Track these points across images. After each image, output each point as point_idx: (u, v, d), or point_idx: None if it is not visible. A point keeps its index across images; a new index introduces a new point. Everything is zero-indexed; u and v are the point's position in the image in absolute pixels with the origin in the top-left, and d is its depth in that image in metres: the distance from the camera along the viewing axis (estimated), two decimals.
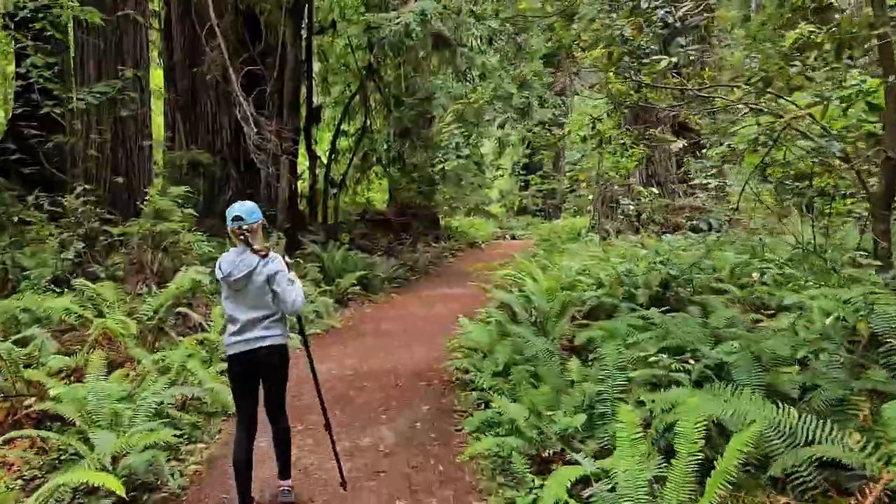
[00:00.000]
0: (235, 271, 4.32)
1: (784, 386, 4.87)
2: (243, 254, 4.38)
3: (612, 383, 5.22)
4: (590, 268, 10.88)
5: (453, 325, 11.31)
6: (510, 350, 7.64)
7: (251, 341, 4.37)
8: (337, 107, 23.00)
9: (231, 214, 4.43)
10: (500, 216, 32.26)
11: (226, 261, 4.44)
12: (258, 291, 4.36)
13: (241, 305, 4.41)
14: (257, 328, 4.39)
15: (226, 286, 4.46)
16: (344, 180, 21.73)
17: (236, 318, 4.42)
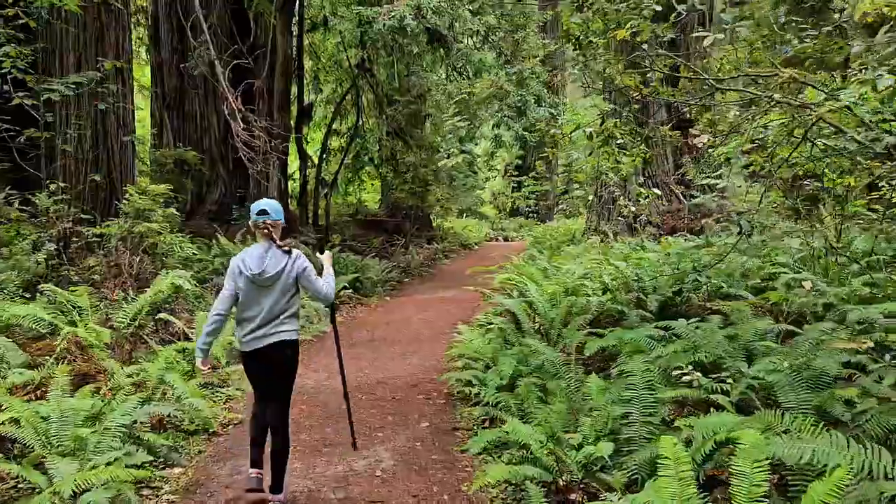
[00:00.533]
0: (269, 268, 4.31)
1: (835, 409, 4.26)
2: (269, 250, 4.38)
3: (640, 405, 4.58)
4: (593, 271, 10.26)
5: (450, 331, 10.67)
6: (515, 361, 7.01)
7: (268, 336, 4.37)
8: (328, 105, 22.33)
9: (256, 208, 4.45)
10: (493, 217, 31.62)
11: (252, 257, 4.37)
12: (285, 289, 4.40)
13: (263, 302, 4.36)
14: (275, 323, 4.39)
15: (248, 283, 4.36)
16: (335, 180, 21.05)
17: (255, 315, 4.37)
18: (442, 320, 11.64)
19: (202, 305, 9.62)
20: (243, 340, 4.45)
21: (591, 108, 15.45)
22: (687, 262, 9.28)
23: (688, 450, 3.52)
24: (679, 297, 8.55)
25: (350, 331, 10.96)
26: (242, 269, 4.35)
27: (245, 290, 4.38)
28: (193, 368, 7.36)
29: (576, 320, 8.27)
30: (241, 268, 4.36)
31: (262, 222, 4.41)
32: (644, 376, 4.70)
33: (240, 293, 4.40)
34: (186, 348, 7.29)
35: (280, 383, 4.57)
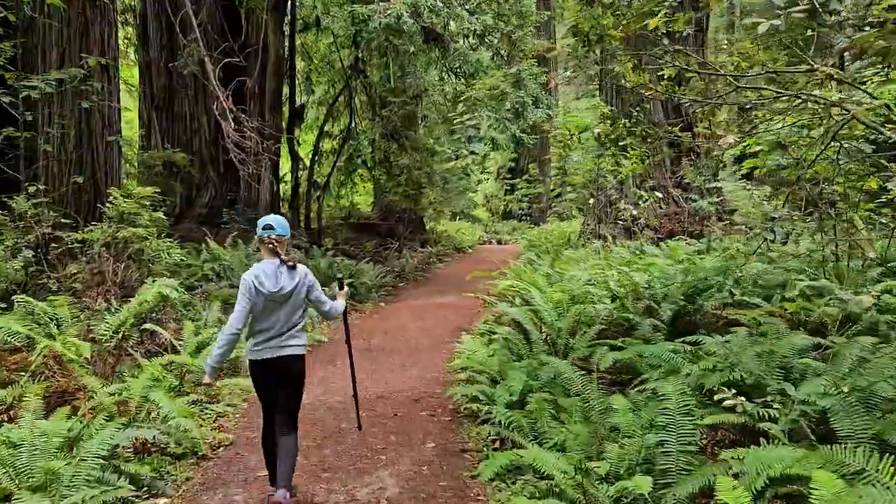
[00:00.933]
0: (286, 285, 4.41)
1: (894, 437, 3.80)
2: (280, 267, 4.46)
3: (676, 432, 4.10)
4: (598, 278, 9.80)
5: (450, 340, 10.19)
6: (524, 375, 6.53)
7: (279, 348, 4.47)
8: (321, 107, 21.82)
9: (263, 223, 4.53)
10: (486, 220, 31.17)
11: (265, 275, 4.41)
12: (297, 303, 4.52)
13: (277, 315, 4.46)
14: (288, 335, 4.50)
15: (262, 298, 4.39)
16: (328, 183, 20.54)
17: (269, 328, 4.46)
18: (441, 328, 11.15)
19: (191, 314, 9.09)
20: (256, 349, 4.49)
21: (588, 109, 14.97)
22: (699, 267, 8.83)
23: (747, 493, 3.05)
24: (692, 306, 8.10)
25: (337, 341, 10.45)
26: (259, 288, 4.36)
27: (260, 306, 4.43)
28: (181, 383, 6.85)
29: (585, 330, 7.82)
30: (256, 285, 4.37)
31: (268, 237, 4.47)
32: (681, 400, 4.21)
33: (255, 308, 4.43)
34: (174, 361, 6.77)
35: (291, 393, 4.64)
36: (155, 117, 18.05)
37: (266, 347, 4.45)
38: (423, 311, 12.86)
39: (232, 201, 18.20)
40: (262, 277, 4.38)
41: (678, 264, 9.55)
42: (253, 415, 6.75)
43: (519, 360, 7.58)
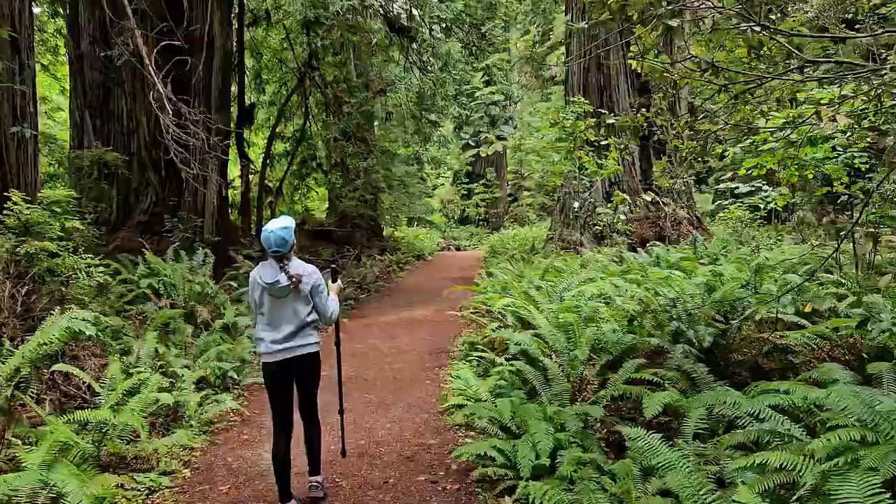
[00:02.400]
0: (282, 280, 4.30)
1: None
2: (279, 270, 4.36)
3: None
4: (602, 292, 8.30)
5: (432, 366, 8.55)
6: (548, 425, 4.95)
7: (294, 349, 4.38)
8: (272, 107, 19.91)
9: (268, 248, 4.34)
10: (443, 226, 29.58)
11: (264, 271, 4.38)
12: (302, 300, 4.40)
13: (284, 313, 4.38)
14: (298, 336, 4.40)
15: (267, 295, 4.37)
16: (280, 187, 18.64)
17: (278, 326, 4.38)
18: (417, 350, 9.48)
19: (122, 344, 7.24)
20: (269, 351, 4.39)
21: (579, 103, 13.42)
22: (725, 281, 7.39)
23: None
24: (727, 326, 6.65)
25: None
26: (258, 281, 4.38)
27: (265, 301, 4.40)
28: (99, 448, 5.04)
29: (604, 359, 6.29)
30: (257, 279, 4.39)
31: (278, 260, 4.36)
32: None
33: (260, 304, 4.43)
34: (92, 418, 4.94)
35: (307, 392, 4.61)
36: (88, 115, 15.90)
37: (281, 349, 4.36)
38: (394, 329, 11.17)
39: (175, 207, 16.16)
40: (261, 271, 4.39)
41: (690, 276, 8.09)
42: (200, 482, 4.99)
43: (530, 396, 6.02)
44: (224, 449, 5.71)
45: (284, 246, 4.31)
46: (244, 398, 7.21)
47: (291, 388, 4.51)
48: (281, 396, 4.49)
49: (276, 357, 4.37)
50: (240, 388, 7.46)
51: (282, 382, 4.46)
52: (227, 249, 15.25)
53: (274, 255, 4.32)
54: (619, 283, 9.35)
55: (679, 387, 5.64)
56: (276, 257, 4.32)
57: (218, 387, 7.23)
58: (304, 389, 4.57)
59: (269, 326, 4.40)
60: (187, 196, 16.14)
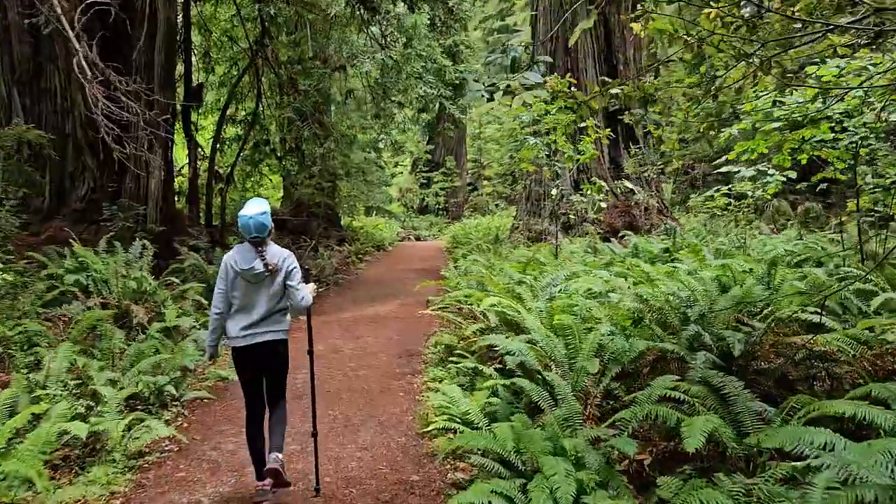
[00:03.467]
0: (257, 266, 4.18)
1: None
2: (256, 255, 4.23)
3: None
4: (593, 287, 7.26)
5: (403, 372, 7.40)
6: (566, 463, 3.87)
7: (264, 334, 4.25)
8: (222, 88, 18.35)
9: (248, 234, 4.23)
10: (402, 215, 28.32)
11: (240, 256, 4.24)
12: (277, 287, 4.27)
13: (257, 298, 4.24)
14: (269, 321, 4.27)
15: (240, 279, 4.23)
16: (231, 174, 17.15)
17: (250, 311, 4.24)
18: (385, 352, 8.32)
19: (37, 355, 5.92)
20: (239, 335, 4.22)
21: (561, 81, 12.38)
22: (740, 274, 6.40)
23: None
24: (751, 329, 5.66)
25: None
26: (233, 266, 4.23)
27: (237, 286, 4.24)
28: None
29: (615, 370, 5.25)
30: (231, 264, 4.24)
31: (257, 247, 4.22)
32: None
33: (232, 290, 4.25)
34: None
35: (276, 377, 4.46)
36: (16, 93, 14.23)
37: (249, 333, 4.22)
38: (357, 327, 9.98)
39: (115, 193, 14.61)
40: (236, 256, 4.25)
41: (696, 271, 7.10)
42: None
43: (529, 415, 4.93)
44: (153, 492, 4.46)
45: (263, 231, 4.23)
46: (184, 418, 5.95)
47: (262, 373, 4.41)
48: (252, 382, 4.41)
49: (247, 342, 4.23)
50: (180, 405, 6.19)
51: (253, 368, 4.36)
52: (172, 239, 13.81)
53: (253, 241, 4.22)
54: (606, 277, 8.35)
55: (707, 404, 4.63)
56: (254, 243, 4.22)
57: (152, 405, 5.96)
58: (272, 376, 4.44)
59: (240, 312, 4.26)
60: (129, 182, 14.60)
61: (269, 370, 4.42)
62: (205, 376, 7.28)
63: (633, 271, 9.33)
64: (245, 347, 4.25)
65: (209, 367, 7.41)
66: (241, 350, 4.27)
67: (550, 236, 15.70)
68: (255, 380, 4.41)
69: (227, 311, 4.30)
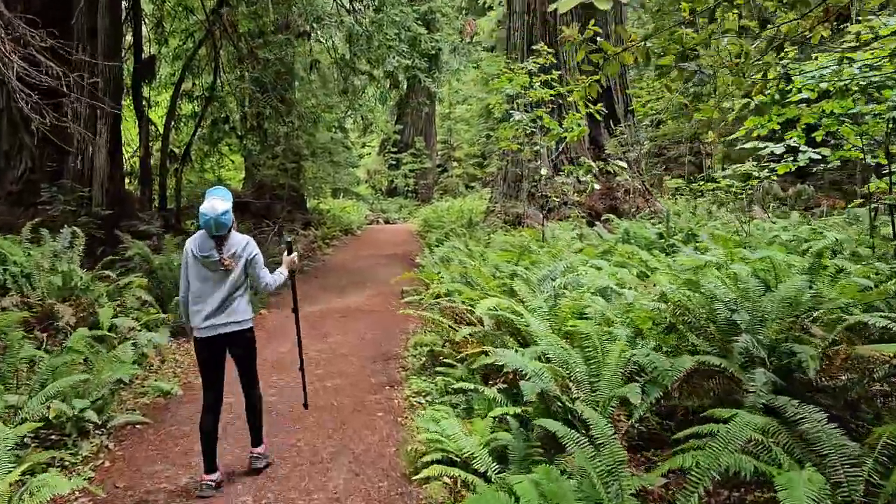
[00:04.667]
0: (215, 253, 4.01)
1: None
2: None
3: None
4: (610, 286, 6.09)
5: (379, 382, 6.16)
6: None
7: (227, 324, 4.07)
8: (177, 62, 16.69)
9: (209, 230, 4.02)
10: (370, 198, 26.89)
11: (199, 243, 4.07)
12: (238, 273, 4.10)
13: (217, 286, 4.07)
14: (230, 310, 4.09)
15: (200, 266, 4.08)
16: (187, 153, 15.60)
17: (211, 299, 4.06)
18: (357, 357, 7.07)
19: None
20: (201, 326, 4.06)
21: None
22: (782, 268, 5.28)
23: None
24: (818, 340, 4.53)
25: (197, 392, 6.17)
26: (193, 251, 4.08)
27: (197, 273, 4.10)
28: None
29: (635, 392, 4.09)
30: (191, 249, 4.09)
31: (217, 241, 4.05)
32: None
33: (192, 276, 4.11)
34: None
35: (245, 366, 4.26)
36: None
37: (211, 324, 4.03)
38: (324, 323, 8.71)
39: (56, 174, 13.02)
40: (196, 242, 4.08)
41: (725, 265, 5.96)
42: None
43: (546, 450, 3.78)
44: None
45: (224, 229, 4.04)
46: (107, 454, 4.64)
47: (223, 363, 4.21)
48: (211, 372, 4.19)
49: (208, 332, 4.06)
50: (104, 434, 4.88)
51: (213, 358, 4.16)
52: (119, 225, 12.33)
53: (213, 237, 4.04)
54: (609, 269, 7.22)
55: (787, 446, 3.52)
56: (214, 238, 4.04)
57: (68, 436, 4.65)
58: (240, 364, 4.25)
59: (200, 299, 4.09)
60: (72, 161, 13.02)
61: (236, 359, 4.23)
62: (143, 389, 5.96)
63: (633, 260, 8.23)
64: (208, 339, 4.07)
65: (153, 377, 6.13)
66: (205, 340, 4.08)
67: (530, 220, 14.54)
68: (216, 371, 4.18)
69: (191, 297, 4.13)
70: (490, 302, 5.12)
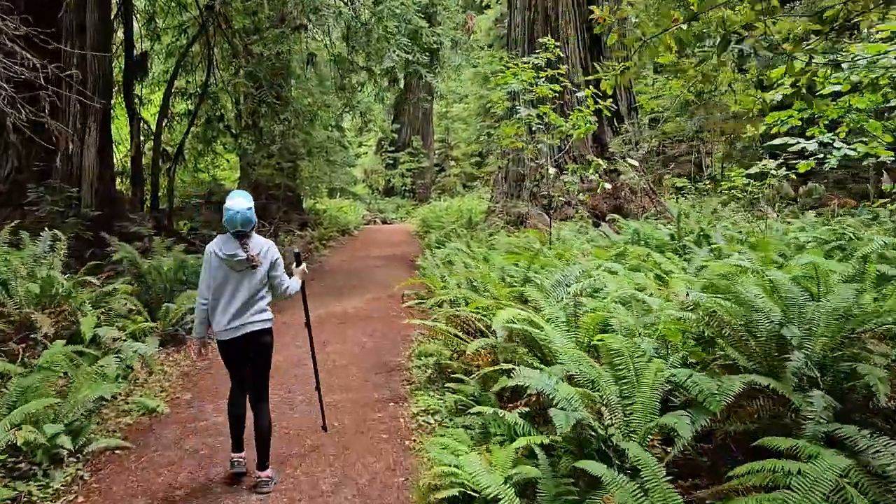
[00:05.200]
0: (241, 253, 3.95)
1: None
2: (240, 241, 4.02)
3: None
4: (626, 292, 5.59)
5: (382, 399, 5.66)
6: None
7: (249, 324, 4.02)
8: (170, 59, 16.13)
9: (234, 226, 3.97)
10: (367, 197, 26.34)
11: (224, 244, 4.02)
12: (260, 276, 4.06)
13: (241, 287, 4.01)
14: (253, 310, 4.04)
15: (225, 267, 4.00)
16: (180, 152, 15.04)
17: (234, 300, 4.01)
18: (357, 368, 6.57)
19: None
20: (224, 328, 4.01)
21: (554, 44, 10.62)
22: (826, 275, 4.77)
23: None
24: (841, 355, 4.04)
25: (202, 402, 5.65)
26: (216, 253, 4.01)
27: (221, 276, 4.03)
28: None
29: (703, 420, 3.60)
30: (215, 251, 4.02)
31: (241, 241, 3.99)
32: None
33: (214, 279, 4.04)
34: None
35: (259, 368, 4.17)
36: None
37: (232, 326, 3.98)
38: (322, 330, 8.20)
39: (43, 174, 12.48)
40: (220, 244, 4.03)
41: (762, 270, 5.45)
42: None
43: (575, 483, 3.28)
44: None
45: (248, 226, 4.01)
46: (82, 486, 4.12)
47: (246, 360, 4.14)
48: (236, 367, 4.20)
49: (232, 334, 4.00)
50: (80, 462, 4.36)
51: (238, 357, 4.13)
52: (110, 226, 11.80)
53: (237, 234, 3.99)
54: (624, 273, 6.74)
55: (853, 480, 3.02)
56: (238, 236, 3.99)
57: (38, 464, 4.13)
58: (255, 366, 4.16)
59: (223, 301, 4.01)
60: (60, 161, 12.47)
61: (253, 361, 4.16)
62: (127, 407, 5.44)
63: (648, 263, 7.74)
64: (231, 340, 4.04)
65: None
66: (227, 343, 4.07)
67: (532, 220, 14.05)
68: (240, 367, 4.20)
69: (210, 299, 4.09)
70: (507, 314, 4.60)
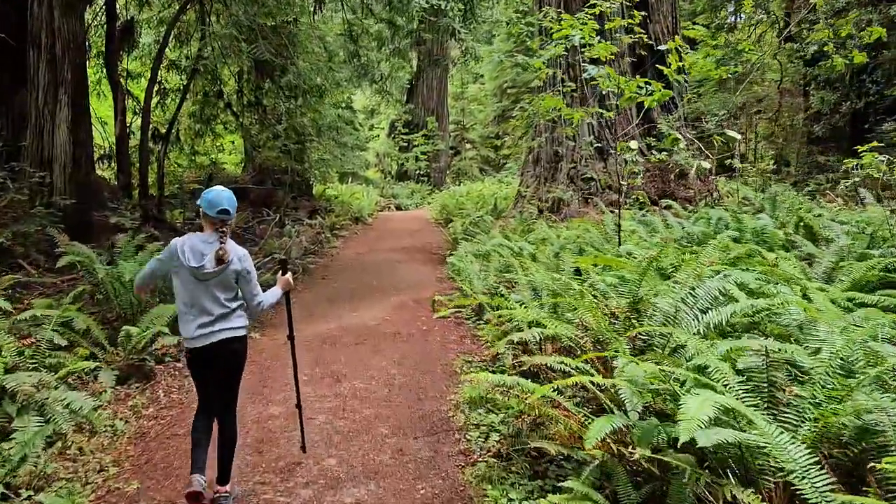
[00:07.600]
0: (208, 265, 3.36)
1: None
2: (212, 244, 3.40)
3: None
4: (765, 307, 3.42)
5: (425, 487, 3.52)
6: None
7: (222, 332, 3.45)
8: (161, 27, 13.91)
9: (217, 206, 3.38)
10: (380, 182, 24.10)
11: (190, 248, 3.39)
12: (228, 284, 3.46)
13: (209, 295, 3.43)
14: (226, 319, 3.47)
15: (189, 274, 3.40)
16: (170, 131, 12.86)
17: (198, 309, 3.43)
18: (389, 425, 4.43)
19: None
20: (192, 336, 3.45)
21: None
22: None
23: None
24: None
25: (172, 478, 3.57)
26: (181, 257, 3.39)
27: (187, 282, 3.43)
28: None
29: None
30: (180, 253, 3.39)
31: (221, 222, 3.41)
32: None
33: (181, 284, 3.44)
34: None
35: (229, 378, 3.63)
36: None
37: (202, 334, 3.43)
38: (334, 355, 6.06)
39: (12, 156, 10.39)
40: (186, 250, 3.38)
41: None
42: None
43: None
44: None
45: (233, 208, 3.44)
46: None
47: (218, 373, 3.58)
48: (205, 382, 3.64)
49: (204, 341, 3.44)
50: None
51: (208, 369, 3.57)
52: (92, 211, 9.77)
53: (220, 218, 3.38)
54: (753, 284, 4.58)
55: None
56: (221, 220, 3.38)
57: None
58: (225, 376, 3.60)
59: (190, 308, 3.44)
60: (30, 141, 10.32)
61: (225, 370, 3.57)
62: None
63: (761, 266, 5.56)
64: (203, 348, 3.42)
65: None
66: (197, 351, 3.44)
67: (571, 206, 11.85)
68: (210, 381, 3.57)
69: (143, 287, 3.64)
70: (700, 404, 2.37)
